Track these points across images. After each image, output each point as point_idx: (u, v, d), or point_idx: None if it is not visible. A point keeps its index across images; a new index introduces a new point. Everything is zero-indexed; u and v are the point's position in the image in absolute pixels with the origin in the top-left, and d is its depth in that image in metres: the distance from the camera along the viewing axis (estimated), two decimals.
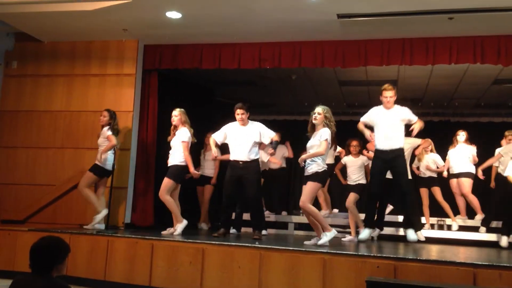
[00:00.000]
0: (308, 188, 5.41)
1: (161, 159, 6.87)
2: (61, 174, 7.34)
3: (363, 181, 6.62)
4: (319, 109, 5.51)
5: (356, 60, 6.96)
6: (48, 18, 6.74)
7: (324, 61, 7.07)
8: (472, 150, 7.50)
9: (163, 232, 6.06)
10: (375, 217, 6.14)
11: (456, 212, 7.71)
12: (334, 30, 6.62)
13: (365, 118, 6.07)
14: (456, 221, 7.49)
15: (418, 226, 6.34)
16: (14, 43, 7.83)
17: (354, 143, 6.79)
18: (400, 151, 5.67)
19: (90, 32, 7.22)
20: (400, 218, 6.75)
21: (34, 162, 7.47)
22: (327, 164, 5.65)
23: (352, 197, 6.53)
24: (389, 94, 5.78)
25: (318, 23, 6.46)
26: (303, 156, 5.48)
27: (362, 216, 6.53)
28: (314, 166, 5.40)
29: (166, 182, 6.13)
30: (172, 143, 6.30)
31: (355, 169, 6.67)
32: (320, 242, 5.30)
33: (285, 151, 8.04)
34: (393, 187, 5.73)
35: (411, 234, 5.30)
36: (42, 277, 2.77)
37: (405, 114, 5.79)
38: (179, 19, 6.56)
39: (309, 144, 5.52)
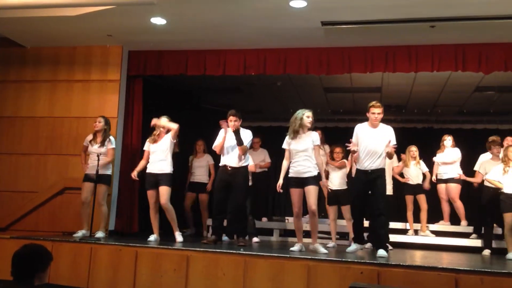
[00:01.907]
0: (314, 193, 5.52)
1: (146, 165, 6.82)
2: (44, 180, 7.27)
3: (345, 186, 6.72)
4: (309, 113, 5.64)
5: (340, 67, 7.02)
6: (31, 23, 6.69)
7: (309, 68, 7.11)
8: (457, 153, 7.55)
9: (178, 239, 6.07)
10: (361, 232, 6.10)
11: (440, 217, 7.79)
12: (319, 37, 6.66)
13: (354, 139, 5.77)
14: (413, 229, 7.62)
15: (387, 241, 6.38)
16: None
17: (338, 149, 6.82)
18: (382, 171, 5.58)
19: (74, 37, 7.17)
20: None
21: (16, 169, 7.39)
22: None
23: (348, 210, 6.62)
24: (377, 111, 5.58)
25: (302, 31, 6.50)
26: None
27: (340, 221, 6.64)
28: (313, 169, 5.52)
29: (167, 190, 6.13)
30: (159, 148, 6.26)
31: (338, 173, 6.70)
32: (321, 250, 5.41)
33: (265, 156, 7.99)
34: (371, 205, 5.70)
35: (382, 253, 5.31)
36: (24, 285, 2.74)
37: (389, 134, 5.60)
38: (164, 25, 6.55)
39: (299, 146, 5.55)
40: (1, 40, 7.59)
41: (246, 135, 6.19)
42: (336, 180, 6.65)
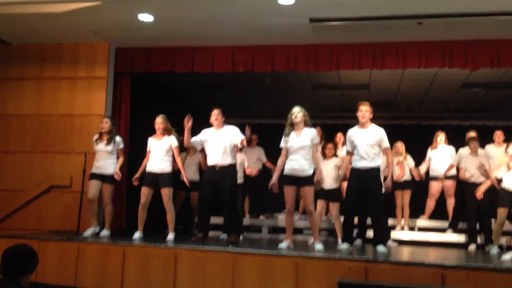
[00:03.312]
0: (310, 193, 5.51)
1: (133, 163, 6.80)
2: (31, 178, 7.20)
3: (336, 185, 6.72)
4: (298, 109, 5.59)
5: (328, 64, 7.02)
6: (17, 20, 6.61)
7: (297, 65, 7.11)
8: (452, 151, 7.58)
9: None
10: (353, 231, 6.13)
11: (418, 213, 7.87)
12: (307, 34, 6.67)
13: (349, 148, 5.79)
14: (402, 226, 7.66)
15: (388, 238, 6.43)
16: None
17: (330, 145, 6.82)
18: (376, 170, 5.58)
19: (60, 34, 7.11)
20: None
21: (2, 167, 7.32)
22: None
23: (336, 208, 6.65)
24: (364, 108, 5.60)
25: (290, 27, 6.50)
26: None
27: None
28: (309, 168, 5.50)
29: (169, 190, 6.16)
30: (159, 148, 6.24)
31: (329, 171, 6.70)
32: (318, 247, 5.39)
33: (261, 154, 8.00)
34: (367, 205, 5.72)
35: (382, 248, 5.36)
36: (11, 283, 2.75)
37: (380, 135, 5.62)
38: (152, 22, 6.51)
39: (295, 143, 5.51)
40: None
41: (235, 131, 6.14)
42: (329, 180, 6.65)
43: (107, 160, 6.42)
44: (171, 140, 6.27)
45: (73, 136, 7.18)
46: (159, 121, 6.29)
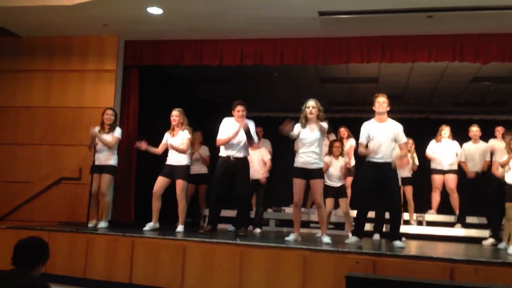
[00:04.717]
0: (320, 186, 5.53)
1: (142, 156, 6.83)
2: (39, 171, 7.25)
3: (342, 182, 6.75)
4: (312, 103, 5.58)
5: (337, 57, 7.00)
6: (27, 12, 6.63)
7: (306, 58, 7.09)
8: (456, 145, 7.57)
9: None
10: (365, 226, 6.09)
11: (428, 207, 7.86)
12: (316, 27, 6.64)
13: (363, 139, 5.63)
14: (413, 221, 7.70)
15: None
16: None
17: (337, 144, 6.82)
18: (393, 164, 5.52)
19: (70, 27, 7.12)
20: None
21: (12, 159, 7.36)
22: None
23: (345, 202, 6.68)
24: (382, 100, 5.49)
25: (299, 20, 6.47)
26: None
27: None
28: (319, 161, 5.53)
29: (183, 183, 6.20)
30: (174, 143, 6.26)
31: (336, 170, 6.70)
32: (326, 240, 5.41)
33: (263, 154, 7.88)
34: (382, 199, 5.67)
35: (399, 243, 5.32)
36: (23, 275, 2.78)
37: (398, 130, 5.53)
38: (160, 15, 6.51)
39: (308, 136, 5.51)
40: None
41: (252, 129, 6.13)
42: (336, 178, 6.65)
43: (107, 151, 6.44)
44: (184, 134, 6.29)
45: (82, 129, 7.18)
46: (176, 114, 6.30)
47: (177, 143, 6.25)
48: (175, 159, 6.26)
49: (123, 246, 5.38)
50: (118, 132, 6.54)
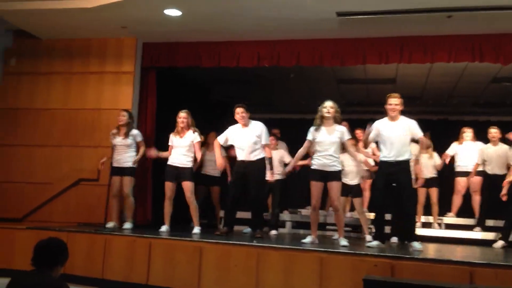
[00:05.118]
0: (337, 188, 5.50)
1: (158, 158, 6.85)
2: (58, 172, 7.32)
3: (357, 181, 6.70)
4: (330, 103, 5.54)
5: (354, 58, 6.96)
6: (47, 15, 6.72)
7: (323, 60, 7.06)
8: (479, 147, 7.43)
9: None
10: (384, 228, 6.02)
11: (447, 209, 7.76)
12: (333, 28, 6.60)
13: (372, 136, 5.66)
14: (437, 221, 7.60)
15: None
16: (13, 41, 7.80)
17: (352, 141, 6.78)
18: (406, 163, 5.42)
19: (89, 29, 7.19)
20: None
21: (31, 160, 7.45)
22: None
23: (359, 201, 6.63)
24: (394, 102, 5.44)
25: (316, 21, 6.45)
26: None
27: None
28: (337, 164, 5.50)
29: (191, 184, 6.24)
30: (182, 144, 6.29)
31: (351, 168, 6.65)
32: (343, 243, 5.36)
33: (283, 155, 7.85)
34: (395, 199, 5.60)
35: (417, 245, 5.22)
36: (42, 275, 2.81)
37: (412, 127, 5.47)
38: (178, 17, 6.54)
39: (325, 138, 5.48)
40: (17, 32, 7.66)
41: (259, 128, 6.13)
42: (351, 175, 6.61)
43: (125, 153, 6.51)
44: (193, 136, 6.30)
45: (101, 130, 7.26)
46: (183, 116, 6.34)
47: (186, 144, 6.27)
48: (179, 160, 6.28)
49: (141, 247, 5.42)
50: (138, 136, 6.62)
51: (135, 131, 6.63)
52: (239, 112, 6.08)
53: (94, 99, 7.43)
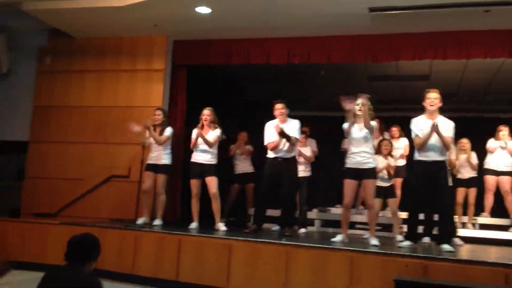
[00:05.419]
0: (372, 187, 5.45)
1: (189, 154, 6.89)
2: (90, 168, 7.45)
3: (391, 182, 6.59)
4: (363, 101, 5.46)
5: (387, 54, 6.84)
6: (80, 14, 6.84)
7: (354, 56, 6.97)
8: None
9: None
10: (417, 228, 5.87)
11: (481, 209, 7.54)
12: (366, 24, 6.49)
13: (417, 132, 5.36)
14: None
15: (454, 236, 6.15)
16: (47, 40, 7.98)
17: (386, 142, 6.68)
18: (443, 163, 5.26)
19: (120, 28, 7.28)
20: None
21: (65, 157, 7.60)
22: None
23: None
24: (433, 96, 5.24)
25: (348, 17, 6.36)
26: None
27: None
28: (372, 161, 5.44)
29: (215, 179, 6.26)
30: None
31: (384, 170, 6.54)
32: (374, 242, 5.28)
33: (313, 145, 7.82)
34: (433, 200, 5.46)
35: (448, 247, 5.06)
36: (75, 270, 2.85)
37: (449, 127, 5.26)
38: (209, 14, 6.56)
39: (358, 134, 5.42)
40: (51, 32, 7.83)
41: (294, 126, 6.09)
42: (384, 177, 6.50)
43: (160, 151, 6.54)
44: (217, 133, 6.32)
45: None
46: (207, 113, 6.37)
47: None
48: (203, 157, 6.31)
49: (170, 244, 5.45)
50: (168, 131, 6.61)
51: (169, 130, 6.65)
52: (279, 108, 6.05)
53: (125, 97, 7.52)
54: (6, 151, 7.97)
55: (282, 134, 5.93)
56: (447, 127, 5.27)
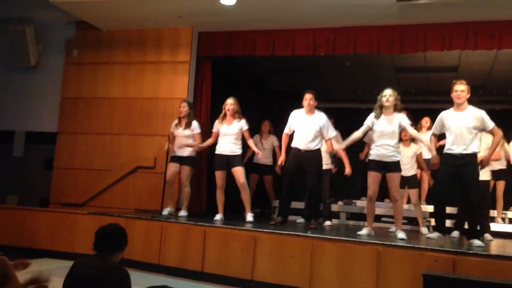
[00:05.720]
0: (396, 180, 5.36)
1: (213, 146, 6.90)
2: (117, 159, 7.53)
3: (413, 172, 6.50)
4: (389, 91, 5.37)
5: (414, 45, 6.69)
6: (107, 6, 6.89)
7: (380, 47, 6.85)
8: None
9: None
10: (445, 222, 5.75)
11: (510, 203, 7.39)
12: (392, 14, 6.37)
13: (435, 129, 5.41)
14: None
15: (485, 231, 6.02)
16: (75, 32, 8.07)
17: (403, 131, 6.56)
18: (473, 157, 5.05)
19: (146, 19, 7.31)
20: None
21: (92, 148, 7.70)
22: None
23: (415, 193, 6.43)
24: (460, 88, 5.06)
25: (375, 7, 6.25)
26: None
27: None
28: (396, 154, 5.36)
29: (242, 170, 6.23)
30: (230, 132, 6.29)
31: (407, 159, 6.44)
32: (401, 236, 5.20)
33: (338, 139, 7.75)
34: (461, 193, 5.24)
35: (477, 242, 4.93)
36: (104, 260, 2.88)
37: (480, 116, 5.07)
38: (233, 6, 6.52)
39: (384, 128, 5.34)
40: (78, 24, 7.91)
41: (323, 119, 6.03)
42: (407, 167, 6.40)
43: (186, 143, 6.54)
44: (242, 124, 6.27)
45: (157, 119, 7.40)
46: (231, 103, 6.29)
47: (234, 132, 6.24)
48: (228, 149, 6.25)
49: (196, 235, 5.48)
50: (197, 129, 6.59)
51: (194, 123, 6.63)
52: (308, 98, 5.98)
53: (151, 88, 7.57)
54: (35, 141, 8.11)
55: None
56: (480, 118, 5.07)
